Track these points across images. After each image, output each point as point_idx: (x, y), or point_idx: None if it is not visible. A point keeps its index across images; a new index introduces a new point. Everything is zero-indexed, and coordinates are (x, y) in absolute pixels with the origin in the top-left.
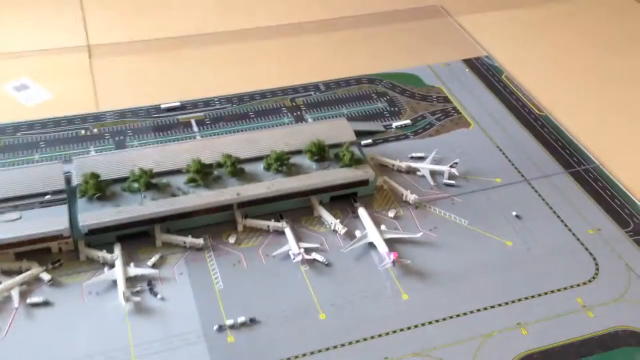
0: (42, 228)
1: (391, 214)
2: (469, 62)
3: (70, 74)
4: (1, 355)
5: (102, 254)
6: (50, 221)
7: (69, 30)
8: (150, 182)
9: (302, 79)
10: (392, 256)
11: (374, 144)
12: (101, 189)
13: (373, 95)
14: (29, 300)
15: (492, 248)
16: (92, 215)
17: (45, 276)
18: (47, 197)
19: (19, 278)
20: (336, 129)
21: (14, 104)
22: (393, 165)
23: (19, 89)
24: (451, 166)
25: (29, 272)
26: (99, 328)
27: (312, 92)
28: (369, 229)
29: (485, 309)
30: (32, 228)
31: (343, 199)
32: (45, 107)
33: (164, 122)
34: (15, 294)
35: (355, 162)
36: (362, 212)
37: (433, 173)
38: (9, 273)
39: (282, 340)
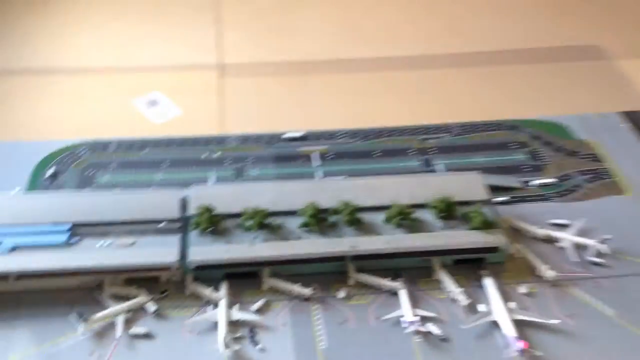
0: (153, 258)
1: (523, 289)
2: (629, 115)
3: (199, 92)
4: None
5: (208, 292)
6: (161, 252)
7: (201, 46)
8: (263, 222)
9: (435, 118)
10: (521, 345)
11: (509, 202)
12: (214, 223)
13: (512, 144)
14: (131, 331)
15: None
16: (202, 251)
17: (151, 307)
18: (162, 225)
19: (125, 305)
20: (468, 185)
21: (143, 120)
22: (529, 232)
23: (149, 105)
24: (601, 241)
25: (135, 300)
26: None
27: (444, 135)
28: (494, 306)
29: None
30: (143, 257)
31: (468, 264)
32: (172, 125)
33: (285, 153)
34: (119, 322)
35: (486, 225)
36: (488, 283)
37: (577, 246)
38: (117, 298)
39: None
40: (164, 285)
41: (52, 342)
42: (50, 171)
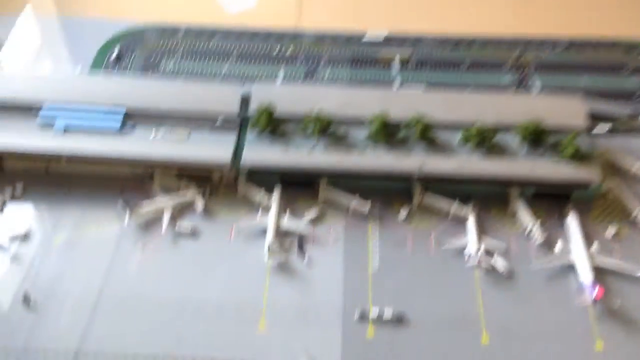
0: (206, 155)
1: (611, 232)
2: None
3: None
4: (140, 273)
5: (260, 196)
6: (215, 149)
7: None
8: (327, 128)
9: (539, 29)
10: (597, 291)
11: (612, 133)
12: (274, 125)
13: (626, 68)
14: (177, 228)
15: None
16: (258, 153)
17: (199, 205)
18: (218, 122)
19: (173, 200)
20: (565, 109)
21: (215, 8)
22: (631, 169)
23: None
24: None
25: (184, 197)
26: (236, 275)
27: (547, 49)
28: (574, 246)
29: None
30: (196, 152)
31: (551, 198)
32: (246, 15)
33: (363, 55)
34: (166, 216)
35: (579, 157)
36: (571, 220)
37: None
38: (167, 190)
39: (430, 354)
40: (216, 184)
41: (98, 228)
42: (115, 52)
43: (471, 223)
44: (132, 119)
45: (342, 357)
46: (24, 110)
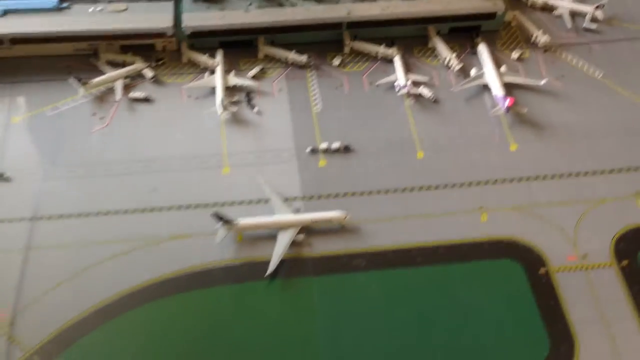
0: (146, 23)
1: (515, 54)
2: None
3: None
4: (103, 142)
5: (204, 59)
6: (155, 17)
7: None
8: None
9: None
10: (508, 101)
11: None
12: None
13: None
14: (131, 95)
15: (625, 107)
16: (196, 17)
17: (149, 73)
18: None
19: (123, 71)
20: None
21: None
22: (527, 0)
23: None
24: (597, 7)
25: (132, 67)
26: (195, 131)
27: None
28: (486, 69)
29: (602, 172)
30: (137, 22)
31: (463, 32)
32: None
33: None
34: (118, 86)
35: None
36: (482, 48)
37: (573, 14)
38: (114, 65)
39: (375, 173)
40: (160, 54)
41: (53, 104)
42: None
43: (397, 61)
44: None
45: (300, 184)
46: None
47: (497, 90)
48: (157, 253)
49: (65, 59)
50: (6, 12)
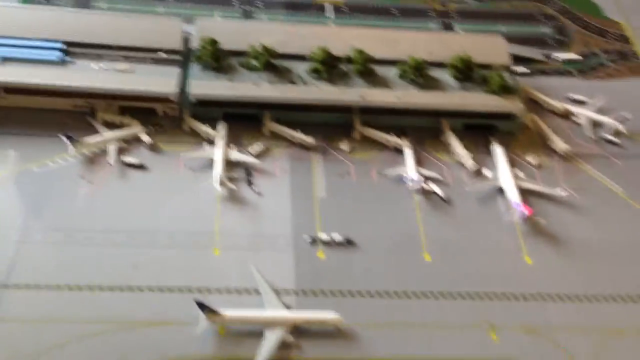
0: (150, 86)
1: (532, 160)
2: None
3: None
4: (87, 208)
5: (206, 129)
6: (160, 81)
7: None
8: (271, 62)
9: None
10: (525, 211)
11: (530, 74)
12: (218, 59)
13: (540, 17)
14: (124, 159)
15: None
16: (203, 85)
17: (146, 138)
18: (162, 54)
19: (119, 133)
20: (489, 47)
21: None
22: (547, 104)
23: None
24: (619, 120)
25: (130, 130)
26: (187, 206)
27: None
28: (501, 171)
29: (623, 299)
30: (140, 84)
31: (478, 130)
32: None
33: (297, 1)
34: (112, 149)
35: (504, 90)
36: (498, 150)
37: (595, 124)
38: (111, 126)
39: (376, 272)
40: (160, 119)
41: (42, 161)
42: None
43: (408, 152)
44: (72, 52)
45: (295, 276)
46: None
47: (513, 195)
48: (131, 339)
49: (62, 114)
50: (5, 60)
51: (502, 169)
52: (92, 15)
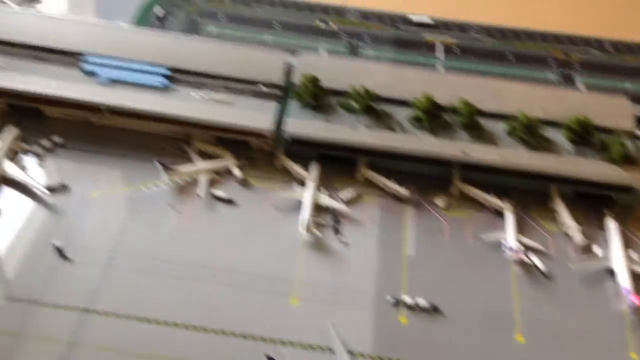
0: (247, 121)
1: None
2: None
3: None
4: (173, 238)
5: (298, 169)
6: (256, 115)
7: None
8: (371, 105)
9: (587, 29)
10: (636, 300)
11: None
12: (317, 97)
13: None
14: (214, 192)
15: None
16: (300, 124)
17: (237, 172)
18: (262, 87)
19: (211, 165)
20: (612, 109)
21: None
22: None
23: None
24: None
25: (222, 162)
26: (271, 247)
27: (593, 49)
28: (614, 251)
29: None
30: (237, 117)
31: (591, 200)
32: None
33: (407, 37)
34: (203, 181)
35: (625, 159)
36: (612, 225)
37: None
38: (204, 155)
39: (462, 347)
40: (253, 153)
41: (135, 186)
42: (160, 11)
43: (509, 217)
44: (175, 78)
45: (373, 339)
46: (66, 56)
47: (624, 280)
48: None
49: (159, 139)
50: (113, 82)
51: (614, 247)
52: (198, 42)
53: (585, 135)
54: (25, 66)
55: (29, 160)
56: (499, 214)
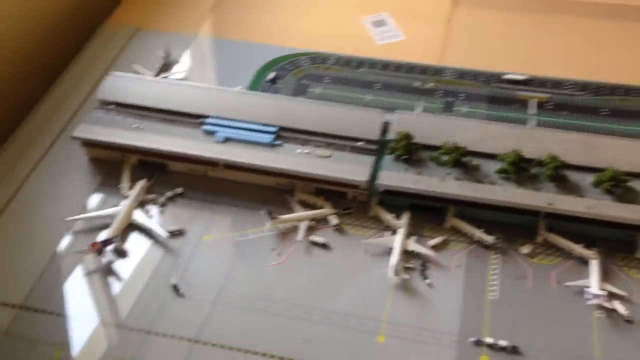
0: (344, 173)
1: None
2: None
3: (428, 19)
4: (273, 278)
5: (390, 218)
6: (353, 169)
7: None
8: (460, 159)
9: None
10: None
11: None
12: (410, 152)
13: None
14: (312, 238)
15: None
16: (392, 176)
17: (334, 220)
18: (360, 143)
19: (310, 213)
20: None
21: (366, 39)
22: None
23: (377, 25)
24: None
25: (320, 211)
26: (362, 289)
27: None
28: None
29: None
30: (336, 170)
31: None
32: (392, 48)
33: (500, 94)
34: (303, 227)
35: None
36: None
37: None
38: (305, 204)
39: None
40: (350, 203)
41: (242, 232)
42: (271, 75)
43: (594, 265)
44: (282, 135)
45: None
46: (190, 118)
47: None
48: None
49: (265, 190)
50: (227, 140)
51: None
52: (304, 103)
53: None
54: (156, 127)
55: (154, 209)
56: (584, 262)
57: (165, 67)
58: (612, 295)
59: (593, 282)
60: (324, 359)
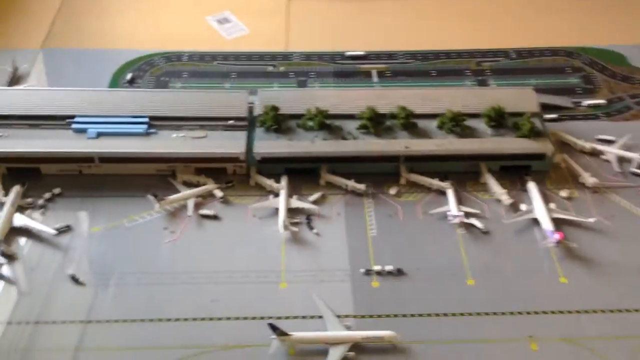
0: (222, 149)
1: (564, 193)
2: None
3: (268, 12)
4: (171, 254)
5: (270, 183)
6: (229, 144)
7: None
8: (324, 122)
9: (493, 43)
10: (557, 236)
11: (559, 119)
12: (278, 122)
13: (567, 69)
14: (201, 212)
15: None
16: (266, 145)
17: (218, 193)
18: (230, 122)
19: (196, 190)
20: (520, 98)
21: (214, 35)
22: (576, 145)
23: (221, 22)
24: None
25: (205, 187)
26: (256, 248)
27: (500, 58)
28: (536, 204)
29: None
30: (213, 148)
31: (514, 171)
32: (241, 41)
33: (346, 69)
34: (190, 204)
35: (535, 134)
36: (531, 186)
37: (620, 159)
38: (188, 185)
39: (426, 297)
40: (230, 177)
41: (130, 217)
42: (128, 76)
43: (450, 193)
44: (155, 125)
45: (353, 302)
46: (57, 121)
47: (547, 224)
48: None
49: (146, 178)
50: (99, 135)
51: (536, 202)
52: (170, 93)
53: (500, 120)
54: (22, 133)
55: (35, 213)
56: (442, 193)
57: (16, 80)
58: (468, 215)
59: (452, 207)
60: (235, 311)
